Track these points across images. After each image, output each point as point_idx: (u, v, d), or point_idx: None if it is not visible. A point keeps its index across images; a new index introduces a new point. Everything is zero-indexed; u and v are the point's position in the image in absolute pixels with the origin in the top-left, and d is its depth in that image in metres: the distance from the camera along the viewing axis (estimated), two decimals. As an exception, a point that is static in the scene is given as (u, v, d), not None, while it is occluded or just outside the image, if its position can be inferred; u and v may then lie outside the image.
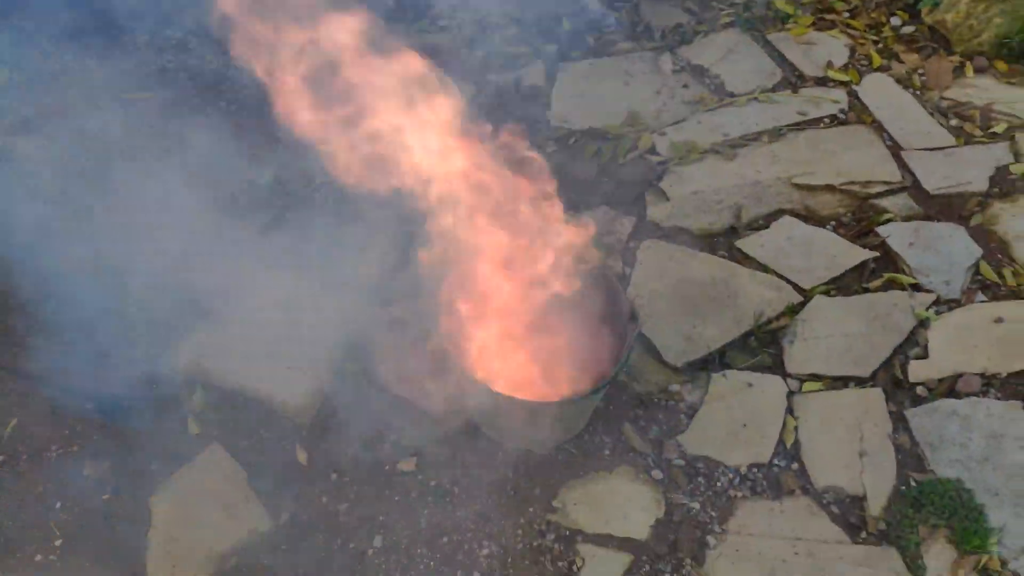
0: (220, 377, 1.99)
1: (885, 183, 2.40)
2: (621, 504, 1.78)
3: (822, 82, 2.78)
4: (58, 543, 1.74)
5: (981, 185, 2.37)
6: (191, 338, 2.04)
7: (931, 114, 2.62)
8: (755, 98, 2.73)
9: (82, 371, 1.94)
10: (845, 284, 2.18)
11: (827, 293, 2.15)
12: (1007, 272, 2.17)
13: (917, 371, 1.96)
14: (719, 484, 1.82)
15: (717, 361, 2.03)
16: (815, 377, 1.98)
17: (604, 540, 1.73)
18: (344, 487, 1.83)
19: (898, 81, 2.74)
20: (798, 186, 2.41)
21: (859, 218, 2.33)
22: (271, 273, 2.12)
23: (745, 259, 2.25)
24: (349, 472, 1.85)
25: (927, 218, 2.30)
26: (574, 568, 1.69)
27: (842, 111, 2.66)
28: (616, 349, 1.76)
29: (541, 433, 1.79)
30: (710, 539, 1.73)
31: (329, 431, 1.91)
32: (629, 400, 1.97)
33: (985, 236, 2.27)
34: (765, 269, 2.21)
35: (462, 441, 1.88)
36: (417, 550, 1.72)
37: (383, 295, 2.11)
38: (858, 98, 2.70)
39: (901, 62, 2.82)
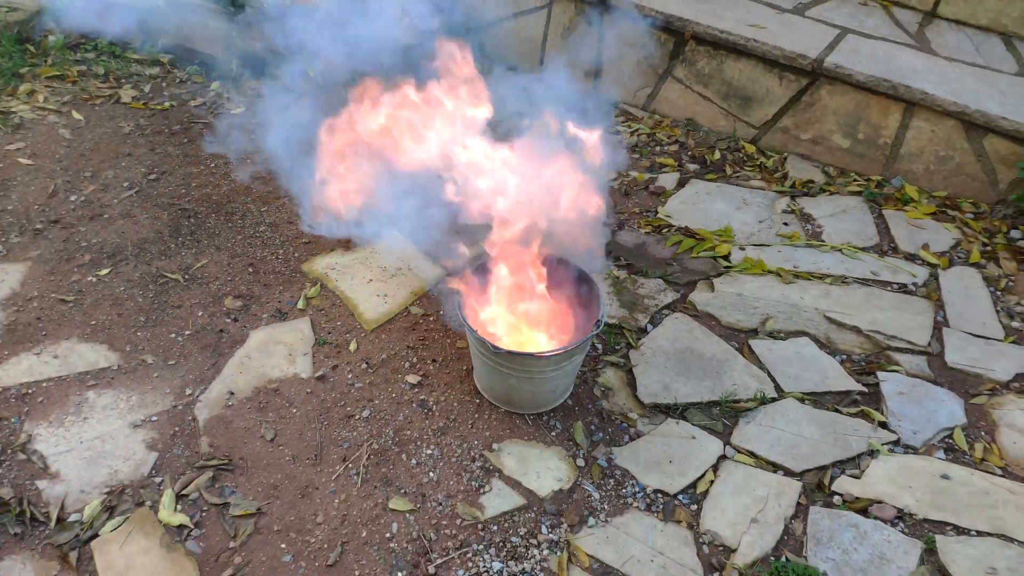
0: (333, 285, 2.80)
1: (909, 343, 2.55)
2: (540, 469, 2.18)
3: (911, 258, 2.99)
4: (187, 332, 2.60)
5: (1003, 376, 2.43)
6: (331, 255, 2.90)
7: (997, 311, 2.71)
8: (840, 249, 3.02)
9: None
10: (822, 400, 2.38)
11: (801, 400, 2.37)
12: (979, 446, 2.21)
13: (843, 484, 2.11)
14: (624, 490, 2.14)
15: (679, 413, 2.36)
16: (752, 454, 2.22)
17: (513, 484, 2.14)
18: (365, 374, 2.47)
19: (985, 279, 2.86)
20: (829, 319, 2.66)
21: (869, 361, 2.51)
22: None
23: (750, 354, 2.56)
24: (375, 367, 2.49)
25: (932, 383, 2.42)
26: (482, 490, 2.12)
27: (915, 284, 2.85)
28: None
29: (506, 388, 2.28)
30: (592, 520, 2.06)
31: (380, 339, 2.59)
32: (594, 409, 2.38)
33: (979, 414, 2.32)
34: (761, 367, 2.50)
35: (458, 381, 2.44)
36: (386, 429, 2.29)
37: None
38: (937, 280, 2.86)
39: (999, 266, 2.93)
